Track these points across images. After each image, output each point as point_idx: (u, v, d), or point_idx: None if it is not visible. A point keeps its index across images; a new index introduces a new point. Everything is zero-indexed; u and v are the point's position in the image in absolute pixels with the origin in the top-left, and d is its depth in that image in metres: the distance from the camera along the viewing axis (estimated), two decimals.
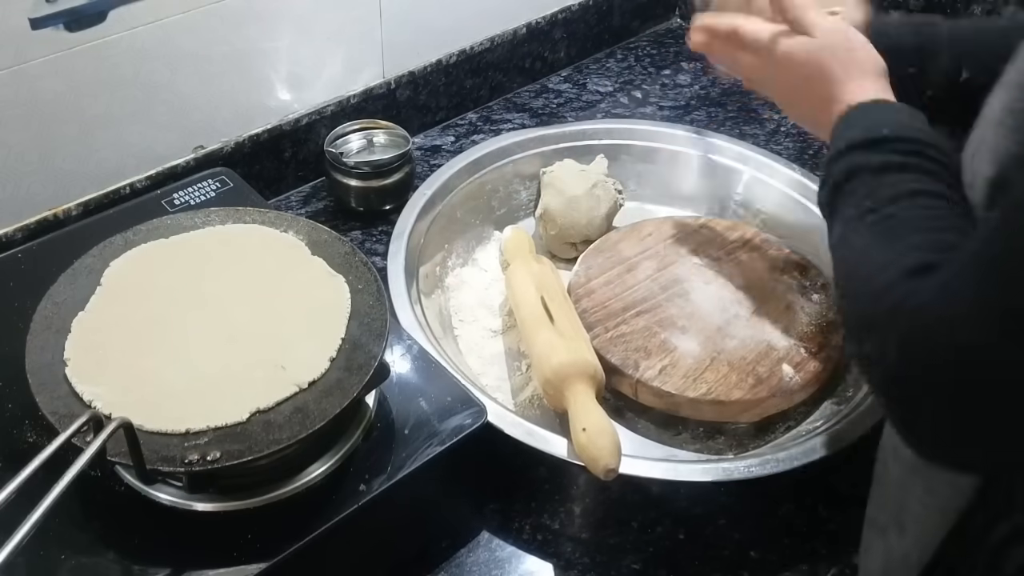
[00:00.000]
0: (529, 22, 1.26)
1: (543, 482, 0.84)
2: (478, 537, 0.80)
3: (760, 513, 0.82)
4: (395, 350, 0.79)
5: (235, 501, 0.66)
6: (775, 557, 0.79)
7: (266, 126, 1.07)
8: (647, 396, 0.86)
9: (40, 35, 0.86)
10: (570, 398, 0.79)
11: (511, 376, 0.92)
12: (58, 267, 0.75)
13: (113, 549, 0.64)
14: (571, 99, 1.30)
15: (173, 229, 0.80)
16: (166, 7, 0.93)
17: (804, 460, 0.78)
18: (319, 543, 0.66)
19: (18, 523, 0.52)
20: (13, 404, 0.71)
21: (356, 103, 1.13)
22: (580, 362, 0.81)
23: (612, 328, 0.90)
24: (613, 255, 0.98)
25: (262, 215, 0.82)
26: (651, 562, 0.79)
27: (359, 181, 1.06)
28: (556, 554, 0.79)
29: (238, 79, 1.02)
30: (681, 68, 1.36)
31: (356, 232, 1.07)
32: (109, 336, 0.70)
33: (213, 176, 0.95)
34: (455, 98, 1.23)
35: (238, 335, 0.71)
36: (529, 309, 0.88)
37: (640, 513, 0.82)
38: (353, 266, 0.77)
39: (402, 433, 0.73)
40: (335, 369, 0.69)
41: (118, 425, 0.59)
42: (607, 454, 0.73)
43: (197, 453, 0.63)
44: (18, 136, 0.90)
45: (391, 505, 0.70)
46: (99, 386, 0.66)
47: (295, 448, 0.65)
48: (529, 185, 1.09)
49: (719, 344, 0.88)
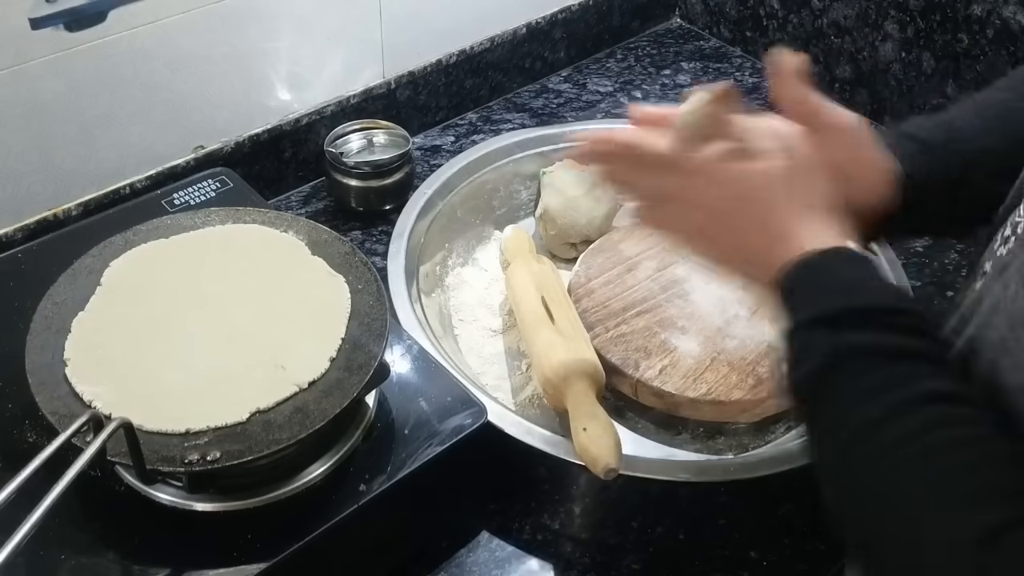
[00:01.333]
0: (529, 22, 1.26)
1: (543, 482, 0.84)
2: (478, 537, 0.80)
3: (760, 513, 0.82)
4: (395, 350, 0.79)
5: (235, 501, 0.66)
6: (775, 557, 0.79)
7: (266, 126, 1.07)
8: (647, 396, 0.86)
9: (40, 35, 0.86)
10: (570, 398, 0.79)
11: (511, 375, 0.92)
12: (58, 267, 0.75)
13: (113, 549, 0.64)
14: (571, 99, 1.30)
15: (173, 229, 0.80)
16: (166, 7, 0.93)
17: (804, 460, 0.78)
18: (319, 543, 0.66)
19: (18, 523, 0.52)
20: (13, 404, 0.71)
21: (356, 103, 1.13)
22: (580, 361, 0.81)
23: (612, 328, 0.90)
24: (613, 255, 0.98)
25: (262, 215, 0.82)
26: (651, 562, 0.79)
27: (359, 181, 1.06)
28: (556, 554, 0.79)
29: (238, 79, 1.02)
30: (681, 68, 1.36)
31: (356, 232, 1.07)
32: (109, 336, 0.70)
33: (213, 176, 0.95)
34: (455, 98, 1.23)
35: (238, 335, 0.71)
36: (529, 308, 0.88)
37: (640, 513, 0.82)
38: (353, 266, 0.77)
39: (402, 433, 0.73)
40: (335, 369, 0.69)
41: (118, 425, 0.59)
42: (608, 453, 0.73)
43: (197, 453, 0.63)
44: (18, 136, 0.90)
45: (391, 505, 0.70)
46: (99, 386, 0.66)
47: (295, 448, 0.65)
48: (529, 185, 1.09)
49: (719, 344, 0.88)
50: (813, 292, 0.52)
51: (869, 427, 0.47)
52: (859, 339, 0.49)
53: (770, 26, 1.34)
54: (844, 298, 0.51)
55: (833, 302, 0.51)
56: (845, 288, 0.52)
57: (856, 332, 0.50)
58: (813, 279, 0.53)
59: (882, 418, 0.47)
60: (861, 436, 0.48)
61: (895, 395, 0.47)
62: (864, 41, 1.23)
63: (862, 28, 1.23)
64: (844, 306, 0.51)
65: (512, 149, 1.09)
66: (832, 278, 0.53)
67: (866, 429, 0.48)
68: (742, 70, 1.36)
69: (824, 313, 0.51)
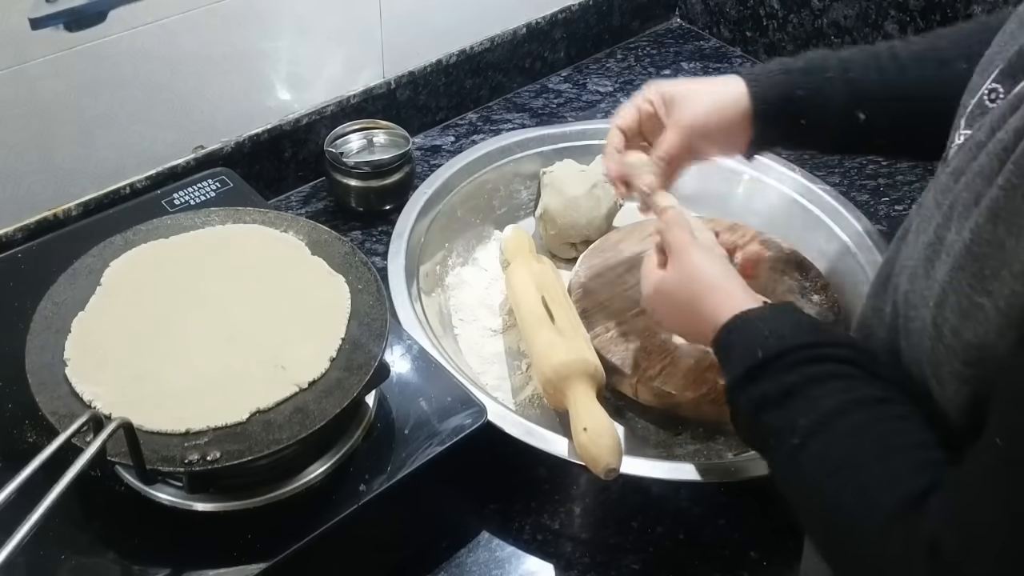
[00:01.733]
0: (529, 22, 1.26)
1: (543, 482, 0.84)
2: (478, 537, 0.80)
3: (760, 513, 0.82)
4: (395, 350, 0.79)
5: (235, 501, 0.66)
6: (775, 557, 0.79)
7: (266, 126, 1.07)
8: (647, 396, 0.86)
9: (40, 35, 0.86)
10: (571, 397, 0.79)
11: (511, 375, 0.92)
12: (58, 267, 0.75)
13: (113, 549, 0.64)
14: (571, 99, 1.30)
15: (173, 229, 0.80)
16: (166, 7, 0.93)
17: None
18: (319, 543, 0.66)
19: (18, 523, 0.52)
20: (13, 404, 0.71)
21: (356, 103, 1.13)
22: (580, 361, 0.81)
23: (612, 328, 0.90)
24: (613, 255, 0.98)
25: (262, 215, 0.82)
26: (651, 562, 0.79)
27: (359, 181, 1.06)
28: (556, 554, 0.79)
29: (238, 79, 1.02)
30: (681, 68, 1.36)
31: (356, 232, 1.07)
32: (109, 336, 0.70)
33: (213, 176, 0.95)
34: (455, 98, 1.23)
35: (238, 335, 0.71)
36: (529, 308, 0.88)
37: (640, 513, 0.82)
38: (353, 266, 0.77)
39: (402, 433, 0.73)
40: (335, 369, 0.69)
41: (118, 425, 0.59)
42: (608, 453, 0.73)
43: (197, 453, 0.63)
44: (18, 136, 0.90)
45: (391, 505, 0.70)
46: (99, 386, 0.66)
47: (295, 448, 0.65)
48: (529, 185, 1.09)
49: None
50: (728, 360, 0.64)
51: (790, 458, 0.57)
52: (764, 388, 0.59)
53: (770, 26, 1.34)
54: (744, 359, 0.61)
55: (740, 362, 0.62)
56: (744, 350, 0.62)
57: (756, 385, 0.60)
58: (727, 347, 0.65)
59: (796, 448, 0.56)
60: (789, 467, 0.58)
61: (799, 424, 0.56)
62: (864, 41, 1.23)
63: (862, 28, 1.23)
64: (744, 366, 0.61)
65: (512, 149, 1.09)
66: (737, 342, 0.64)
67: (792, 457, 0.57)
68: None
69: (737, 374, 0.62)
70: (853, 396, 0.55)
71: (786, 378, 0.58)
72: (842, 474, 0.53)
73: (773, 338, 0.61)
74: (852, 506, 0.52)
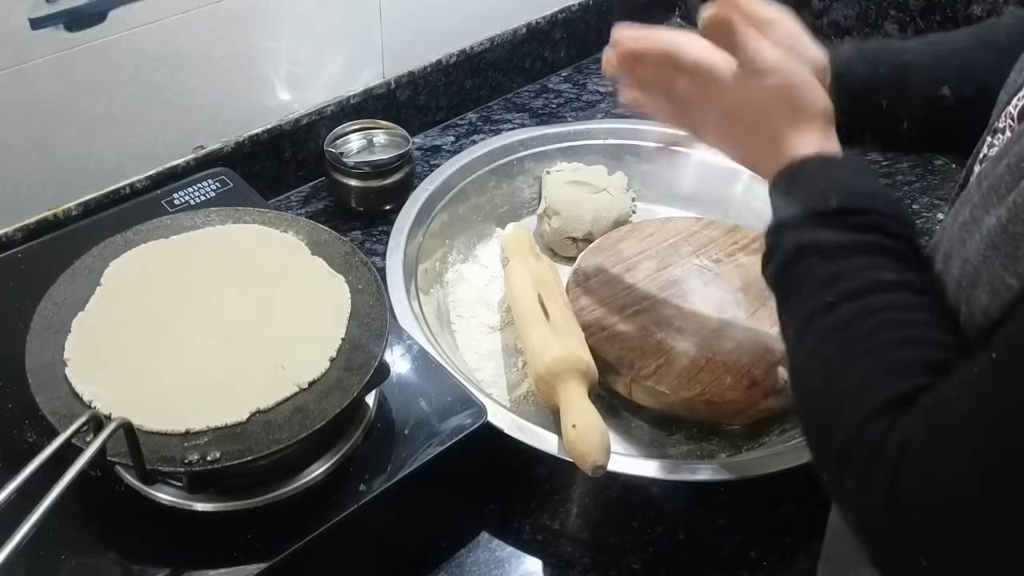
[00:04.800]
0: (529, 22, 1.26)
1: (543, 482, 0.84)
2: (478, 537, 0.80)
3: (760, 513, 0.83)
4: (395, 350, 0.79)
5: (235, 501, 0.66)
6: (775, 557, 0.79)
7: (266, 126, 1.07)
8: (641, 395, 0.86)
9: (40, 35, 0.86)
10: (562, 395, 0.79)
11: (507, 372, 0.92)
12: (58, 267, 0.75)
13: (113, 549, 0.64)
14: (571, 99, 1.30)
15: (173, 229, 0.80)
16: (166, 7, 0.93)
17: (805, 459, 0.78)
18: (319, 543, 0.66)
19: (18, 523, 0.52)
20: (13, 404, 0.71)
21: (356, 103, 1.13)
22: (573, 359, 0.81)
23: (609, 327, 0.90)
24: (613, 254, 0.98)
25: (262, 215, 0.82)
26: (651, 562, 0.79)
27: (359, 181, 1.06)
28: (556, 554, 0.79)
29: (238, 79, 1.02)
30: None
31: (356, 232, 1.07)
32: (109, 336, 0.70)
33: (213, 176, 0.95)
34: (455, 98, 1.23)
35: (238, 335, 0.71)
36: (525, 305, 0.88)
37: (640, 513, 0.82)
38: (353, 266, 0.77)
39: (402, 433, 0.73)
40: (335, 369, 0.69)
41: (118, 425, 0.59)
42: (595, 451, 0.73)
43: (197, 453, 0.63)
44: (18, 136, 0.90)
45: (391, 505, 0.70)
46: (99, 386, 0.66)
47: (295, 448, 0.65)
48: (532, 183, 1.09)
49: (715, 345, 0.88)
50: (789, 196, 0.59)
51: (817, 314, 0.54)
52: (816, 237, 0.56)
53: None
54: (812, 200, 0.57)
55: (805, 203, 0.58)
56: (815, 192, 0.58)
57: (814, 231, 0.56)
58: (793, 184, 0.60)
59: (828, 306, 0.53)
60: (810, 322, 0.55)
61: (841, 286, 0.53)
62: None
63: (862, 28, 1.23)
64: (809, 208, 0.57)
65: (512, 148, 1.09)
66: (809, 182, 0.59)
67: (814, 316, 0.54)
68: None
69: (794, 214, 0.58)
70: (905, 278, 0.53)
71: (852, 236, 0.55)
72: (858, 347, 0.52)
73: (849, 193, 0.57)
74: (854, 381, 0.51)
